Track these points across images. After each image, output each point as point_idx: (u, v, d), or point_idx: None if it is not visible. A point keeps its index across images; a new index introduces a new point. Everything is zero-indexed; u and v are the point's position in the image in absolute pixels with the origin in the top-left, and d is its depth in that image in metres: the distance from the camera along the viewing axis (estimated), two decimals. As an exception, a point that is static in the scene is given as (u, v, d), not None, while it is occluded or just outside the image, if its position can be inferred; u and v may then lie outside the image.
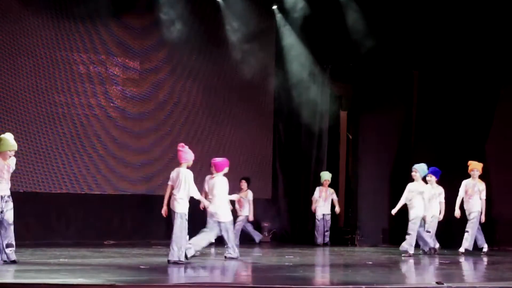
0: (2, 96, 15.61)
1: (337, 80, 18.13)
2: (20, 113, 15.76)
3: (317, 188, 17.35)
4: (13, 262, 11.24)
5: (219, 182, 12.95)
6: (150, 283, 9.73)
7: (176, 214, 11.94)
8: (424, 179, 14.59)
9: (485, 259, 14.33)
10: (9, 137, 11.37)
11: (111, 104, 16.75)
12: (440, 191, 15.08)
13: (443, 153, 16.71)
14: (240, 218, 15.88)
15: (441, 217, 15.07)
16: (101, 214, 16.17)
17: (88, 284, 9.24)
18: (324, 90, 18.03)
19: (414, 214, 14.27)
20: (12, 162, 11.44)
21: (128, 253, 13.85)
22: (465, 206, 14.98)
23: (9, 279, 9.39)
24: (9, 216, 11.33)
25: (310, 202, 17.44)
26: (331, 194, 17.37)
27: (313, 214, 17.34)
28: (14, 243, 11.34)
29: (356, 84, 17.89)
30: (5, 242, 11.26)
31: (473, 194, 14.91)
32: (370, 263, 13.14)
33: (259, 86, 17.86)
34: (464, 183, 15.10)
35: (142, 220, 16.64)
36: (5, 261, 11.22)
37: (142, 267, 11.43)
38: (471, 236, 14.82)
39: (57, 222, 15.83)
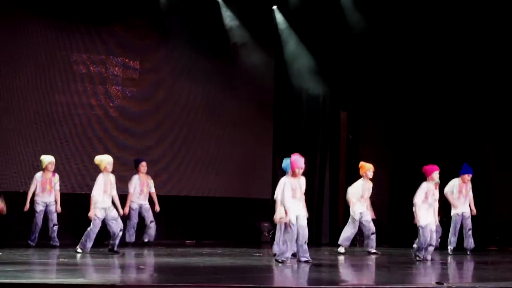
0: (2, 96, 15.61)
1: (337, 81, 18.11)
2: (20, 113, 15.75)
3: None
4: None
5: None
6: (151, 283, 9.73)
7: None
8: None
9: (487, 259, 14.32)
10: None
11: (111, 104, 16.75)
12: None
13: (444, 153, 16.71)
14: None
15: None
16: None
17: (88, 284, 9.24)
18: (324, 90, 18.01)
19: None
20: None
21: (129, 253, 13.84)
22: (363, 208, 15.04)
23: (9, 279, 9.39)
24: None
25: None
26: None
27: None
28: None
29: (356, 84, 17.87)
30: None
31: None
32: (370, 263, 13.14)
33: (259, 85, 17.83)
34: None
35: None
36: None
37: (142, 267, 11.43)
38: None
39: (57, 222, 15.81)
